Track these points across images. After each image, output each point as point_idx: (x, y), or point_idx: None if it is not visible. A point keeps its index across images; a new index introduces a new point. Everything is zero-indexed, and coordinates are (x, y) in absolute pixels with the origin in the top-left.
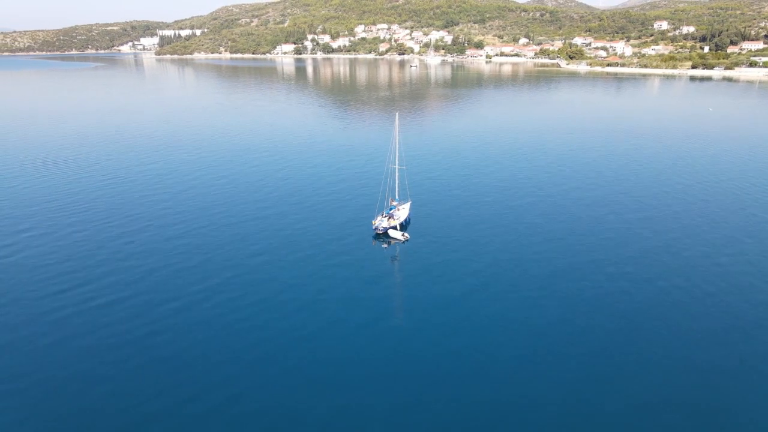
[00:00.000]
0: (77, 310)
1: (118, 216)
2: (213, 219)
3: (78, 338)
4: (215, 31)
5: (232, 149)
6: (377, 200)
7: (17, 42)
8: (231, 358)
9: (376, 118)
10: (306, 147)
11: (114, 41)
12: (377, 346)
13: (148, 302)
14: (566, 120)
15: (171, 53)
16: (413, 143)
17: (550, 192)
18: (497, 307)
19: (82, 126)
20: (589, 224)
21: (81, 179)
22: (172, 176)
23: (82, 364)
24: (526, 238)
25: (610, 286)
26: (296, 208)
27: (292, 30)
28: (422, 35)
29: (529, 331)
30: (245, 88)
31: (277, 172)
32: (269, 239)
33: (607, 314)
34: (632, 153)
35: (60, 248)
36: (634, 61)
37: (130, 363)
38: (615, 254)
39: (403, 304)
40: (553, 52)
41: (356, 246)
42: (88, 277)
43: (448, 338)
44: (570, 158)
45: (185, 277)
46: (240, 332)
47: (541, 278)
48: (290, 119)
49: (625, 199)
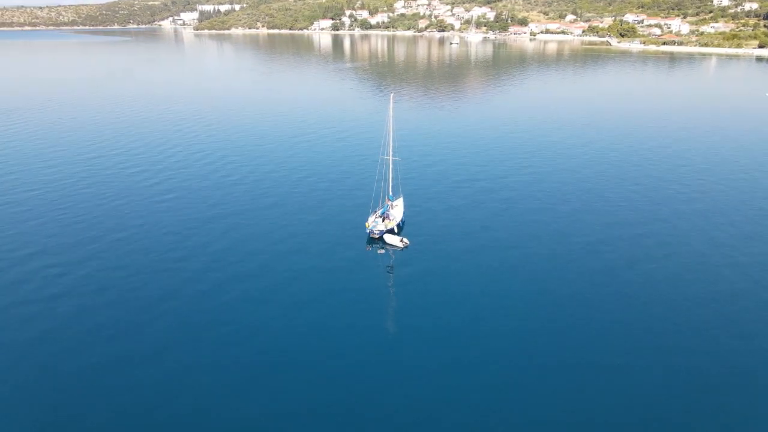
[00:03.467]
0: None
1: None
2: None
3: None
4: (254, 6)
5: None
6: (371, 195)
7: (62, 16)
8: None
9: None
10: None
11: (155, 16)
12: (371, 372)
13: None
14: (626, 111)
15: (209, 28)
16: (450, 131)
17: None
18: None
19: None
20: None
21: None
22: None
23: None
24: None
25: (649, 305)
26: (305, 198)
27: (330, 5)
28: (464, 11)
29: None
30: (280, 66)
31: (290, 159)
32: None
33: (645, 332)
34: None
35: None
36: (692, 39)
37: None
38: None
39: (402, 321)
40: (602, 29)
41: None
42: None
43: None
44: (616, 158)
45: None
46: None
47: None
48: (314, 102)
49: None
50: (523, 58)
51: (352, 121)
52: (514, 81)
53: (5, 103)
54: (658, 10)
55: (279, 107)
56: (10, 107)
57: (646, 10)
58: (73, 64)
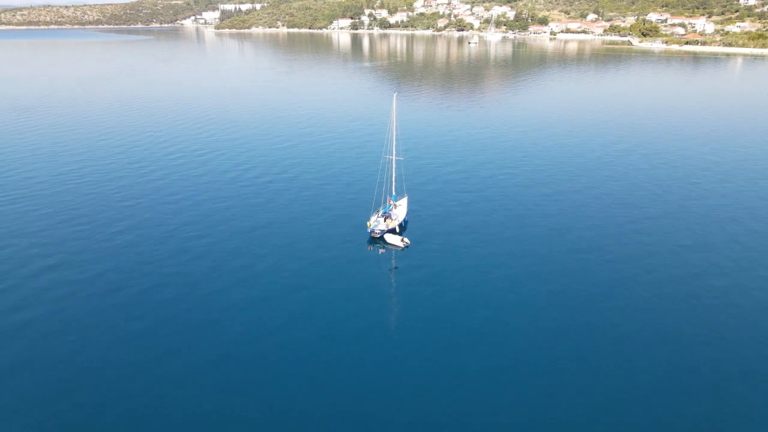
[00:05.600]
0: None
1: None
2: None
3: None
4: (274, 5)
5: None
6: (373, 195)
7: (87, 15)
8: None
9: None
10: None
11: (177, 15)
12: (367, 374)
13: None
14: (644, 111)
15: (229, 27)
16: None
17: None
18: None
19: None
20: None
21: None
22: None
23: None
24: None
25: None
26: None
27: (349, 4)
28: (483, 10)
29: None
30: (296, 64)
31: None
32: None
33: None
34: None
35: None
36: (717, 39)
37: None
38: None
39: (401, 325)
40: (624, 28)
41: (351, 251)
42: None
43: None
44: (639, 162)
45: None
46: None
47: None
48: (330, 103)
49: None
50: (542, 58)
51: (364, 120)
52: (532, 81)
53: (46, 100)
54: (683, 9)
55: (294, 107)
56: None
57: (670, 9)
58: (99, 62)
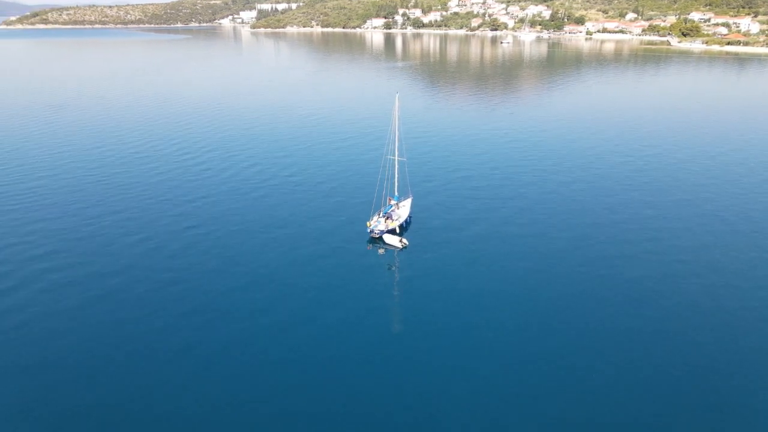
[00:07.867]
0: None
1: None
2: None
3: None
4: (309, 5)
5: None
6: (374, 197)
7: (129, 14)
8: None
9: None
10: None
11: (216, 14)
12: (364, 374)
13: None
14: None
15: (265, 27)
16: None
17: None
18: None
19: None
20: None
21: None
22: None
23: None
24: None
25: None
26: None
27: (383, 3)
28: (519, 10)
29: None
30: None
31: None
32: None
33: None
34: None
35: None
36: (761, 39)
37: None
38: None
39: (399, 325)
40: (663, 28)
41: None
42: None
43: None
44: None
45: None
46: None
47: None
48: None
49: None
50: (578, 59)
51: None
52: (563, 83)
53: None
54: (727, 8)
55: (323, 108)
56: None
57: (714, 9)
58: (144, 60)
